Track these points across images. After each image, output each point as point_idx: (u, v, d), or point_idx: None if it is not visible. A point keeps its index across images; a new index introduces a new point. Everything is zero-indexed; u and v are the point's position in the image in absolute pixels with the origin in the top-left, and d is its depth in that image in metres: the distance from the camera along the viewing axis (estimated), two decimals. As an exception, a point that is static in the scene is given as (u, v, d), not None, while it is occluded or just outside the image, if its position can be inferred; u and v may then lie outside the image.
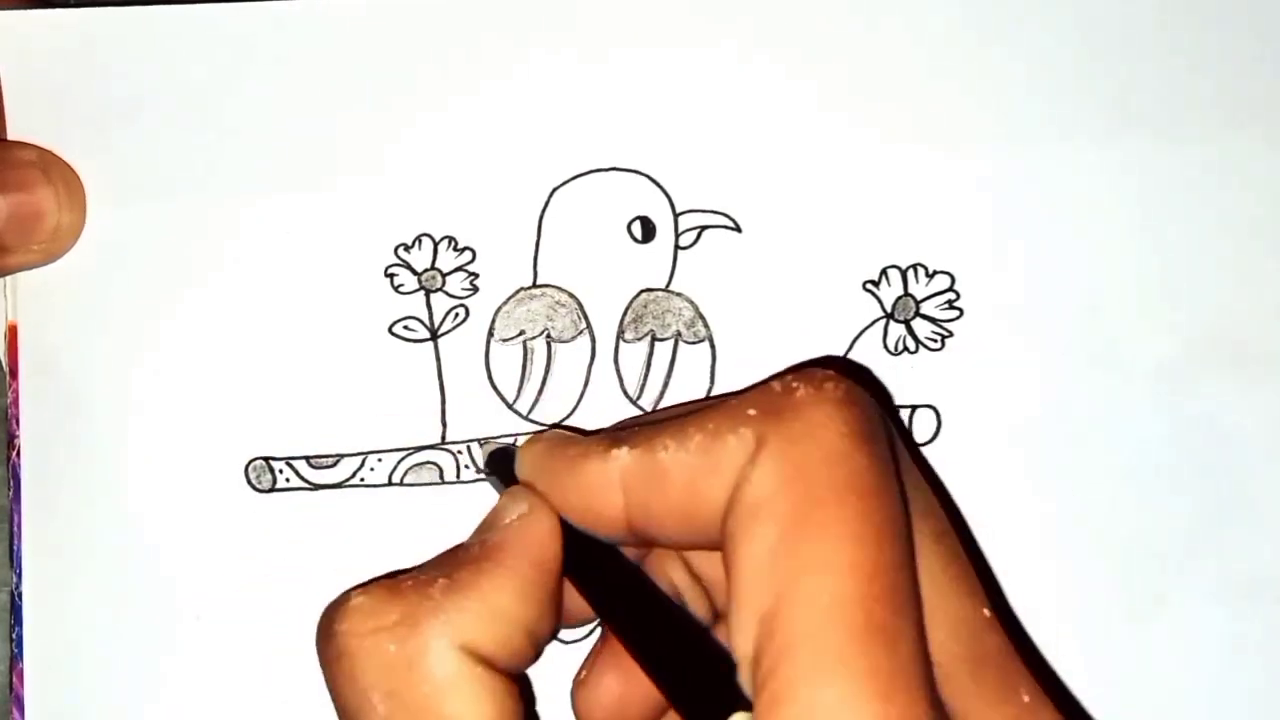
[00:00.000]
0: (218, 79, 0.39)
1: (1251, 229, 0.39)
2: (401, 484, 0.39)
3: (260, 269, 0.39)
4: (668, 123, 0.39)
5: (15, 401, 0.39)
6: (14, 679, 0.38)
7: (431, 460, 0.39)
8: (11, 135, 0.39)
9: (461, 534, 0.38)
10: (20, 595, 0.38)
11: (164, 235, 0.39)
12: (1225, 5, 0.39)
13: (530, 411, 0.39)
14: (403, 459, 0.39)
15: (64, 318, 0.39)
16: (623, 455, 0.29)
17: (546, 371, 0.39)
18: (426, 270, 0.39)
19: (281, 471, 0.39)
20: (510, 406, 0.39)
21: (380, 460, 0.39)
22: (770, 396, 0.27)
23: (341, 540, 0.39)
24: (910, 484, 0.28)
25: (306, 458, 0.39)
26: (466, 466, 0.39)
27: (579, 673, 0.32)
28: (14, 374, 0.39)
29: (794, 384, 0.27)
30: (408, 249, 0.39)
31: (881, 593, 0.25)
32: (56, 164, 0.38)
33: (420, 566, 0.30)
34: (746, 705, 0.25)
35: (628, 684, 0.31)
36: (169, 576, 0.38)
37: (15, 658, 0.38)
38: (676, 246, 0.39)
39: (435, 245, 0.39)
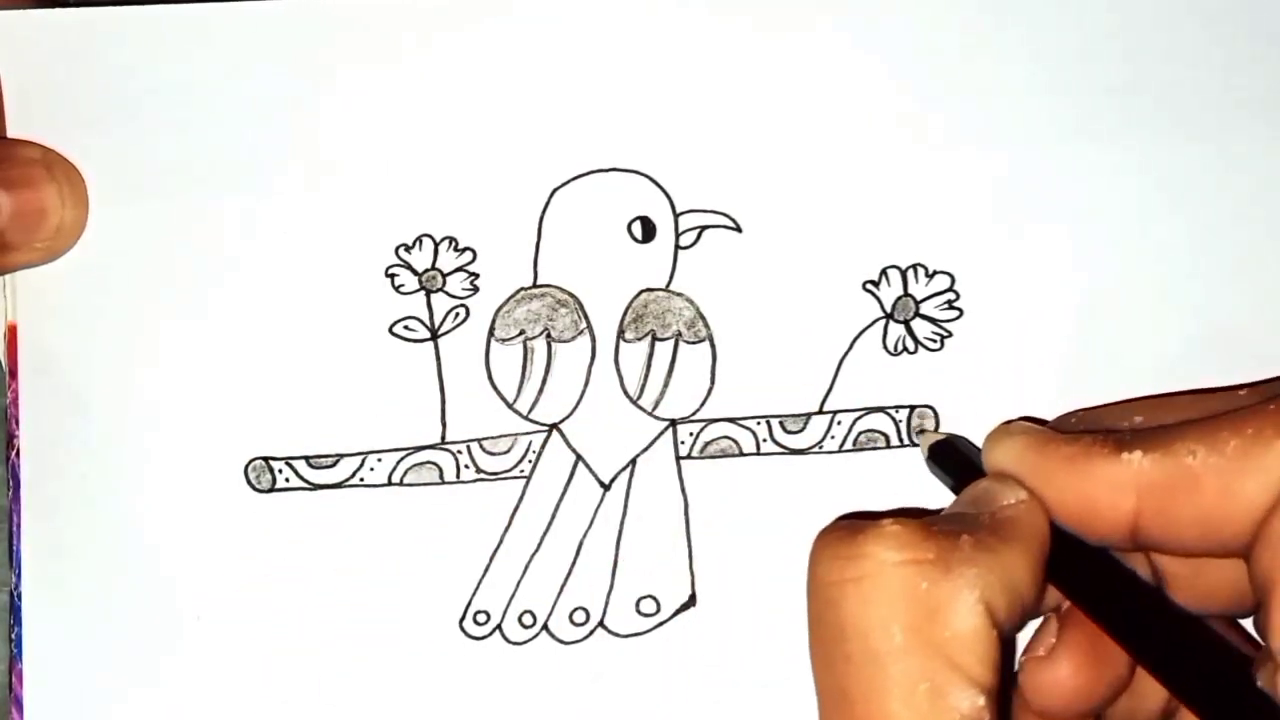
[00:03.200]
0: (218, 78, 0.39)
1: (1252, 229, 0.39)
2: (401, 484, 0.39)
3: (261, 268, 0.39)
4: (668, 123, 0.39)
5: (15, 401, 0.39)
6: (13, 679, 0.38)
7: (431, 460, 0.39)
8: (11, 135, 0.39)
9: (462, 534, 0.39)
10: (20, 595, 0.38)
11: (164, 234, 0.39)
12: (1226, 4, 0.39)
13: (530, 411, 0.39)
14: (402, 459, 0.39)
15: (64, 318, 0.39)
16: (1138, 459, 0.29)
17: (546, 371, 0.39)
18: (427, 270, 0.39)
19: (281, 472, 0.39)
20: (510, 406, 0.39)
21: (380, 460, 0.39)
22: None
23: (341, 540, 0.39)
24: None
25: (306, 458, 0.39)
26: (466, 466, 0.39)
27: (1032, 647, 0.32)
28: (14, 374, 0.39)
29: None
30: (408, 249, 0.39)
31: None
32: (60, 162, 0.38)
33: (929, 517, 0.30)
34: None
35: (1086, 673, 0.31)
36: (169, 577, 0.38)
37: (15, 658, 0.38)
38: (677, 246, 0.39)
39: (436, 245, 0.39)
